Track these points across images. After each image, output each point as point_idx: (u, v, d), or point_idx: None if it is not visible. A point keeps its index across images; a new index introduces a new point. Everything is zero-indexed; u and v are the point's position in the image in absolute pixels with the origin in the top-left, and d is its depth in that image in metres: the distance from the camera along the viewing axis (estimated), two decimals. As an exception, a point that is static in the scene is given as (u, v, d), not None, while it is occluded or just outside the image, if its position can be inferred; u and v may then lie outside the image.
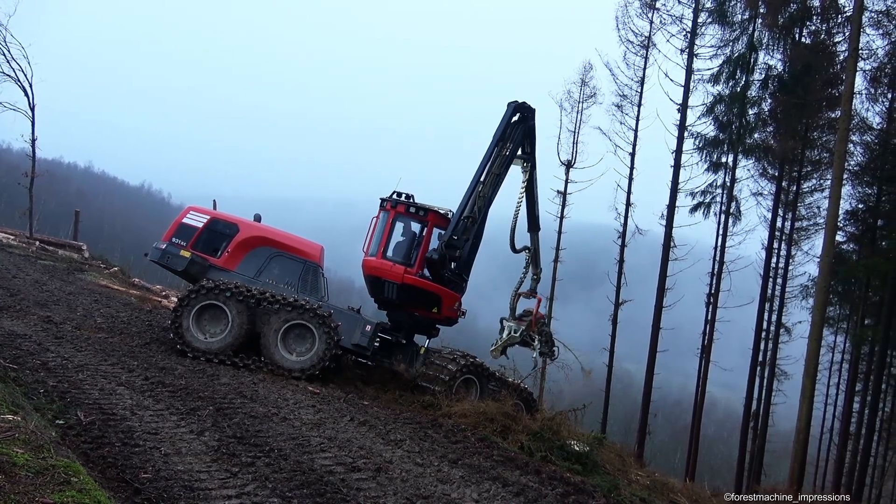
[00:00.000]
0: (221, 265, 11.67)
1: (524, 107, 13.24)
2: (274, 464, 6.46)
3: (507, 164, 13.06)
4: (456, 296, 12.61)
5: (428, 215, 12.48)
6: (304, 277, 12.13)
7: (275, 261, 12.05)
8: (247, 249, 11.95)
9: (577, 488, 8.37)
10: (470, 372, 11.87)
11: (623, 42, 26.21)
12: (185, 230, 11.75)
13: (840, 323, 30.62)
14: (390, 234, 12.62)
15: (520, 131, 13.10)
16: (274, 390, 9.90)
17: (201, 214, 11.97)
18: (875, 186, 25.90)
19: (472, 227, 12.52)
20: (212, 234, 11.84)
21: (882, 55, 23.90)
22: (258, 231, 12.21)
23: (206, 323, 11.00)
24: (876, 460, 33.11)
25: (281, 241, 12.31)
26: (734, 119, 25.18)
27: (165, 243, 11.68)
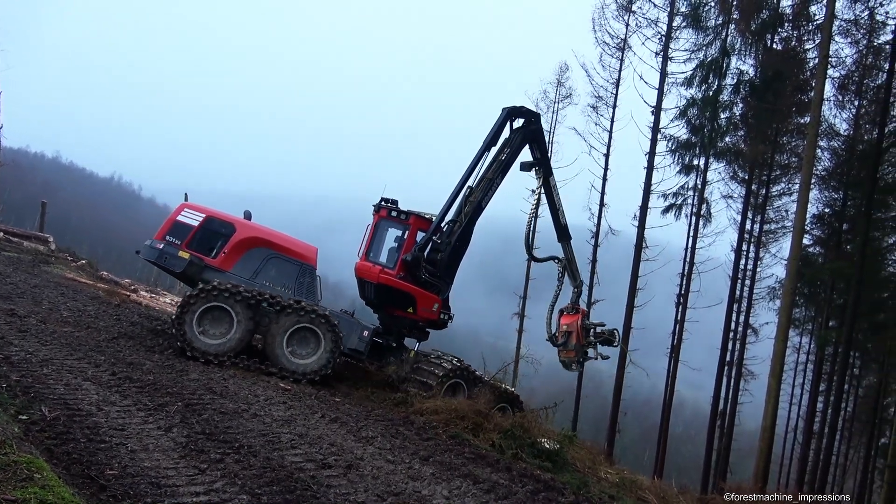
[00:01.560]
0: (217, 266, 11.42)
1: (521, 111, 13.19)
2: (243, 460, 6.40)
3: (502, 169, 13.03)
4: (433, 297, 12.51)
5: (409, 219, 12.61)
6: (299, 280, 12.01)
7: (271, 262, 11.89)
8: (243, 250, 11.73)
9: (546, 485, 8.44)
10: (457, 376, 11.95)
11: (599, 44, 26.47)
12: (179, 228, 11.43)
13: (805, 324, 31.33)
14: (374, 237, 12.96)
15: (519, 136, 13.08)
16: (244, 386, 9.81)
17: (196, 213, 11.62)
18: (841, 191, 26.50)
19: (457, 231, 12.59)
20: (207, 234, 11.57)
21: (850, 63, 24.46)
22: (255, 232, 12.01)
23: (207, 324, 10.81)
24: (838, 459, 34.00)
25: (278, 243, 12.14)
26: (706, 122, 25.56)
27: (161, 242, 11.31)
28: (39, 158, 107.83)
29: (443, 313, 12.81)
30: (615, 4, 26.29)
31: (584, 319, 13.71)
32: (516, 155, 13.22)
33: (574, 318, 13.62)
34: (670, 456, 26.54)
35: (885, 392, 28.54)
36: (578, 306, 13.93)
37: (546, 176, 13.46)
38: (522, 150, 13.43)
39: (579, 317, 13.60)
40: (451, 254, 12.68)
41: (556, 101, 26.86)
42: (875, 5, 21.99)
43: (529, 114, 13.31)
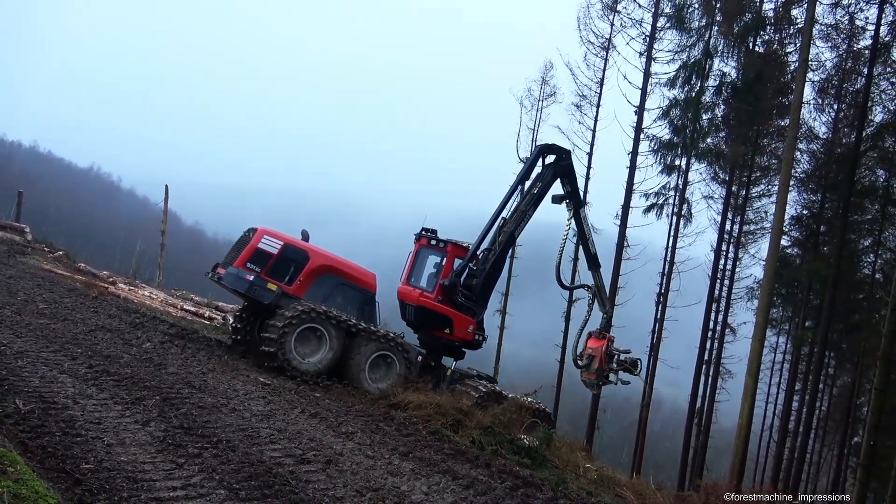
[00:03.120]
0: (292, 293, 11.75)
1: (552, 148, 14.04)
2: (221, 455, 6.37)
3: (535, 201, 13.84)
4: (468, 319, 13.20)
5: (447, 247, 13.49)
6: (362, 307, 12.55)
7: (338, 289, 12.36)
8: (315, 277, 12.13)
9: (525, 482, 8.49)
10: (491, 399, 12.48)
11: (584, 43, 26.53)
12: (260, 256, 11.72)
13: (782, 324, 31.73)
14: (415, 264, 13.98)
15: (550, 171, 13.82)
16: (224, 381, 9.75)
17: (275, 240, 11.92)
18: (819, 193, 26.87)
19: (491, 259, 13.46)
20: (283, 261, 11.88)
21: (830, 67, 24.82)
22: (326, 260, 12.44)
23: (297, 344, 11.28)
24: (812, 457, 34.52)
25: (345, 271, 12.62)
26: (688, 123, 25.74)
27: (248, 273, 11.55)
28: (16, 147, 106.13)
29: (477, 334, 13.51)
30: (600, 4, 26.39)
31: (610, 345, 14.03)
32: (548, 189, 13.97)
33: (600, 343, 13.98)
34: (648, 453, 26.80)
35: (859, 392, 28.97)
36: (606, 333, 14.23)
37: (577, 208, 13.97)
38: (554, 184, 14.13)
39: (605, 343, 13.96)
40: (485, 279, 13.45)
41: (541, 99, 26.92)
42: (855, 10, 22.32)
43: (560, 150, 14.08)
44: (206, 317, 17.55)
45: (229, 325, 15.09)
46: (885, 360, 17.69)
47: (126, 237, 54.50)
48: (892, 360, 18.50)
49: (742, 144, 25.73)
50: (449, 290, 13.09)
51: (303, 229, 13.08)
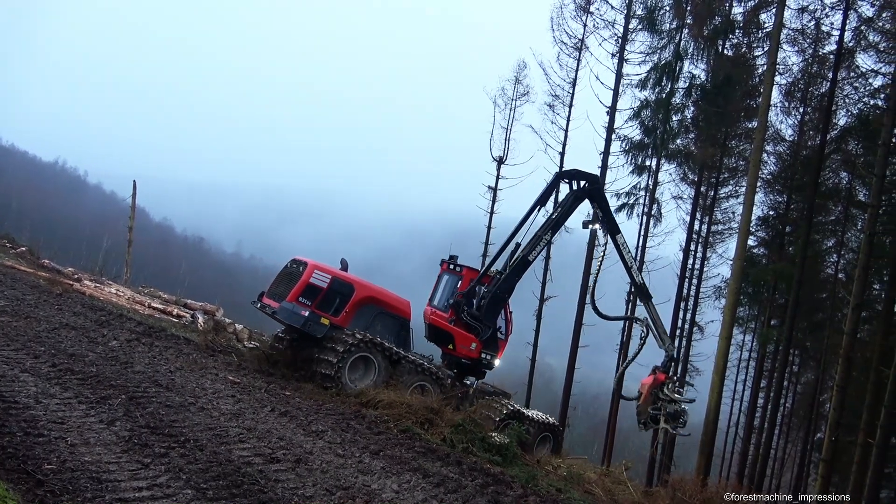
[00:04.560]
0: (339, 323, 12.29)
1: (572, 174, 14.06)
2: (189, 455, 6.29)
3: (552, 227, 13.85)
4: (470, 337, 13.65)
5: (462, 271, 14.34)
6: (398, 333, 13.16)
7: (378, 318, 12.93)
8: (359, 307, 12.70)
9: (496, 479, 8.54)
10: (511, 418, 12.98)
11: (557, 43, 26.69)
12: (310, 290, 12.16)
13: (749, 323, 32.33)
14: (437, 286, 14.82)
15: (571, 197, 13.84)
16: (192, 379, 9.62)
17: (324, 274, 12.43)
18: (785, 195, 27.44)
19: (500, 281, 13.70)
20: (331, 293, 12.40)
21: (797, 71, 25.31)
22: (369, 291, 13.01)
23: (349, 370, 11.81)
24: (776, 453, 35.28)
25: (384, 300, 13.19)
26: (659, 124, 26.08)
27: (302, 308, 11.95)
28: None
29: (484, 353, 13.80)
30: (573, 5, 26.57)
31: (659, 387, 13.36)
32: (567, 215, 14.10)
33: (649, 379, 13.51)
34: (617, 449, 27.11)
35: (822, 389, 29.66)
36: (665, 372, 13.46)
37: (612, 234, 13.81)
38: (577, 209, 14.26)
39: (653, 380, 13.43)
40: (491, 300, 13.71)
41: (514, 99, 26.98)
42: (821, 16, 22.78)
43: (582, 176, 14.04)
44: (175, 314, 17.30)
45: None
46: (846, 358, 18.17)
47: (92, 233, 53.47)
48: (853, 358, 19.02)
49: (711, 146, 26.16)
50: (455, 308, 13.78)
51: (342, 258, 13.63)
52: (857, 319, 18.97)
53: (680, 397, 12.85)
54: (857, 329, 19.23)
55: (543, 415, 14.24)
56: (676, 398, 12.88)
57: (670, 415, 12.98)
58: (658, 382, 13.13)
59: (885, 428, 17.53)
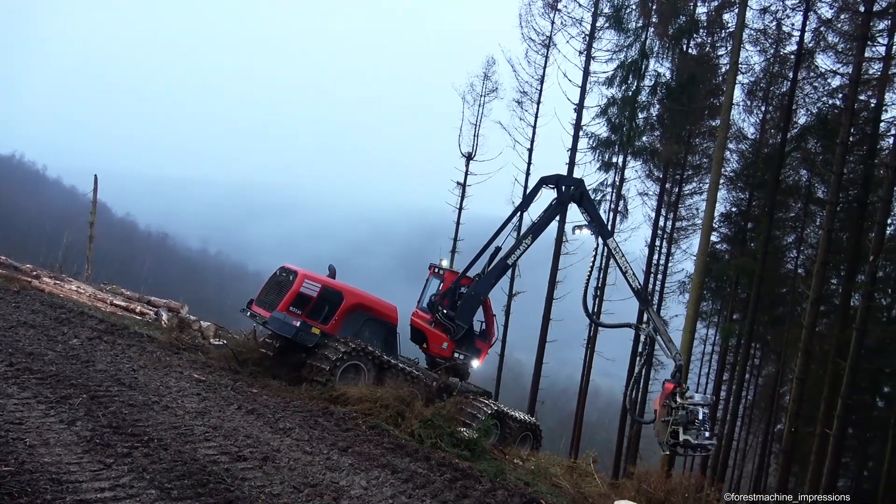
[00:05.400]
0: (329, 331, 12.36)
1: (555, 179, 14.01)
2: (153, 454, 6.18)
3: (533, 231, 13.80)
4: (442, 336, 13.86)
5: (444, 274, 14.65)
6: (386, 338, 13.29)
7: (366, 324, 13.02)
8: (348, 314, 12.76)
9: (464, 474, 8.57)
10: (496, 418, 13.16)
11: (526, 40, 26.86)
12: (301, 299, 12.18)
13: (712, 317, 33.01)
14: (424, 290, 15.06)
15: (554, 203, 13.84)
16: (155, 378, 9.46)
17: (314, 283, 12.43)
18: (747, 192, 28.05)
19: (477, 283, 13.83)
20: (321, 302, 12.42)
21: (759, 70, 25.89)
22: (357, 298, 13.03)
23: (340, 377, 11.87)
24: (739, 444, 36.09)
25: (372, 307, 13.26)
26: (625, 122, 26.43)
27: (293, 318, 11.95)
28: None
29: (457, 352, 13.91)
30: (542, 2, 26.77)
31: (670, 397, 12.05)
32: (549, 220, 14.12)
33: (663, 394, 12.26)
34: (585, 442, 27.41)
35: (782, 381, 30.44)
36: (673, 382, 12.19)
37: (604, 238, 13.56)
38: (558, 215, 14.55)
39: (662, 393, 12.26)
40: (466, 301, 13.84)
41: (483, 95, 27.05)
42: (782, 17, 23.34)
43: (564, 181, 14.10)
44: (138, 312, 16.97)
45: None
46: (805, 351, 18.68)
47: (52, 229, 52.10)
48: (811, 351, 19.57)
49: (675, 143, 26.62)
50: (430, 309, 14.07)
51: (330, 265, 13.76)
52: (816, 313, 19.52)
53: (694, 401, 11.66)
54: (815, 323, 19.80)
55: (525, 414, 14.58)
56: (689, 402, 11.66)
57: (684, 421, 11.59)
58: (667, 393, 12.08)
59: (841, 419, 18.08)
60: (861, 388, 26.30)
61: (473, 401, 13.35)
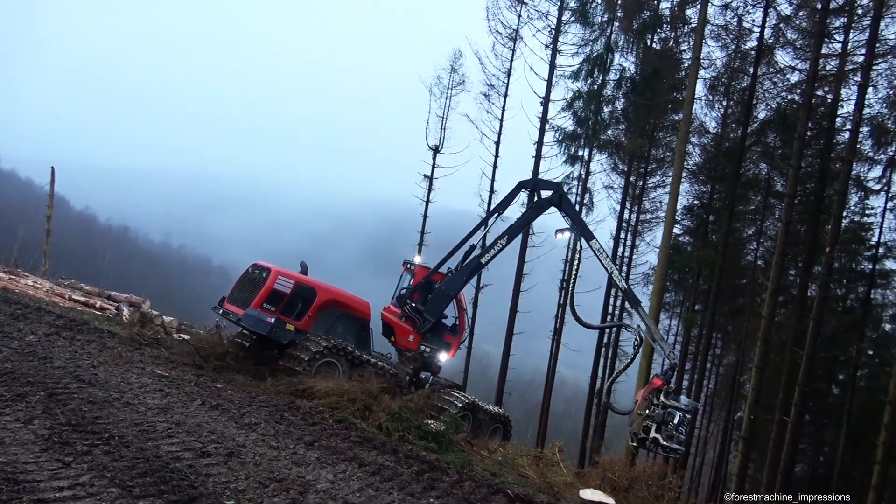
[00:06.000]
0: (302, 327, 12.45)
1: (533, 183, 14.24)
2: (114, 452, 6.06)
3: (509, 234, 13.89)
4: (408, 329, 13.99)
5: (415, 269, 14.69)
6: (358, 333, 13.46)
7: (339, 319, 13.15)
8: (321, 310, 12.85)
9: (431, 466, 8.60)
10: (468, 410, 13.36)
11: (492, 32, 26.87)
12: (275, 296, 12.20)
13: (675, 308, 33.60)
14: (397, 286, 15.08)
15: (531, 207, 14.01)
16: (116, 374, 9.27)
17: (287, 280, 12.47)
18: (709, 185, 28.56)
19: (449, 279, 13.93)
20: (294, 298, 12.47)
21: (720, 66, 26.33)
22: (330, 294, 13.15)
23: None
24: (700, 431, 36.87)
25: (345, 302, 13.37)
26: (591, 115, 26.68)
27: (267, 315, 11.96)
28: None
29: (424, 345, 13.98)
30: (508, -6, 26.76)
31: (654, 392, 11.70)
32: (527, 224, 14.44)
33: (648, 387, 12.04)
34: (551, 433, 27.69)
35: (742, 370, 31.16)
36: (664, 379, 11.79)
37: (587, 240, 13.38)
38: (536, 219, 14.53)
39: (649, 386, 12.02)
40: (436, 295, 13.97)
41: (450, 87, 27.00)
42: (743, 13, 23.76)
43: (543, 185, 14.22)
44: (98, 307, 16.59)
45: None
46: (764, 341, 19.15)
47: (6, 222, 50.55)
48: (770, 341, 20.06)
49: (639, 137, 26.97)
50: (400, 301, 14.26)
51: (302, 261, 13.77)
52: (774, 304, 20.01)
53: (675, 404, 11.35)
54: (774, 313, 20.28)
55: (496, 407, 14.83)
56: (671, 404, 11.37)
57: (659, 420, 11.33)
58: (653, 388, 11.79)
59: (798, 406, 18.60)
60: (817, 377, 27.13)
61: (445, 394, 13.45)
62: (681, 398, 11.67)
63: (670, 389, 11.68)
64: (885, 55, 19.98)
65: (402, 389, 12.84)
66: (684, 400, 11.58)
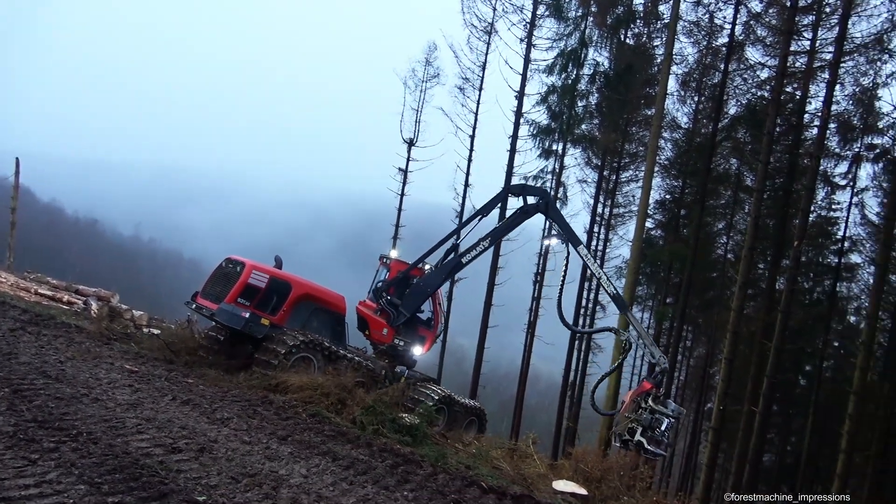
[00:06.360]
0: (277, 322, 12.27)
1: (519, 189, 14.09)
2: (82, 448, 5.95)
3: (492, 236, 13.85)
4: (381, 323, 13.93)
5: (390, 263, 14.72)
6: (334, 328, 13.34)
7: (314, 314, 13.02)
8: (296, 305, 12.69)
9: (406, 459, 8.60)
10: (443, 403, 13.29)
11: (468, 26, 26.83)
12: (249, 290, 12.05)
13: (647, 301, 34.01)
14: (374, 280, 14.99)
15: (517, 212, 13.84)
16: (84, 369, 9.10)
17: (262, 274, 12.31)
18: (680, 179, 28.91)
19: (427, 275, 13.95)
20: (269, 293, 12.29)
21: (692, 62, 26.62)
22: (305, 288, 12.97)
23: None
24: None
25: (320, 297, 13.23)
26: (565, 110, 26.80)
27: (242, 309, 11.81)
28: None
29: (398, 339, 13.98)
30: (484, -12, 26.72)
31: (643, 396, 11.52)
32: (511, 229, 14.31)
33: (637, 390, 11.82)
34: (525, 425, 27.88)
35: (712, 362, 31.70)
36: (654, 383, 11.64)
37: (574, 246, 13.21)
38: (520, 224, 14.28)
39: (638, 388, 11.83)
40: (414, 290, 14.04)
41: (424, 80, 26.93)
42: (714, 10, 24.03)
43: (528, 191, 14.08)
44: (65, 301, 16.26)
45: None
46: (733, 333, 19.47)
47: (-31, 214, 49.24)
48: (739, 333, 20.41)
49: (613, 131, 27.18)
50: (375, 294, 14.28)
51: (276, 255, 13.67)
52: (744, 297, 20.36)
53: (663, 409, 11.25)
54: (743, 306, 20.64)
55: (471, 400, 14.87)
56: (659, 409, 11.24)
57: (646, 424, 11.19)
58: (643, 390, 11.60)
59: (766, 397, 18.99)
60: (785, 368, 27.67)
61: (420, 387, 13.46)
62: (669, 403, 11.61)
63: (659, 394, 11.52)
64: (853, 53, 20.37)
65: (377, 383, 12.80)
66: (672, 405, 11.56)
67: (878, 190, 25.52)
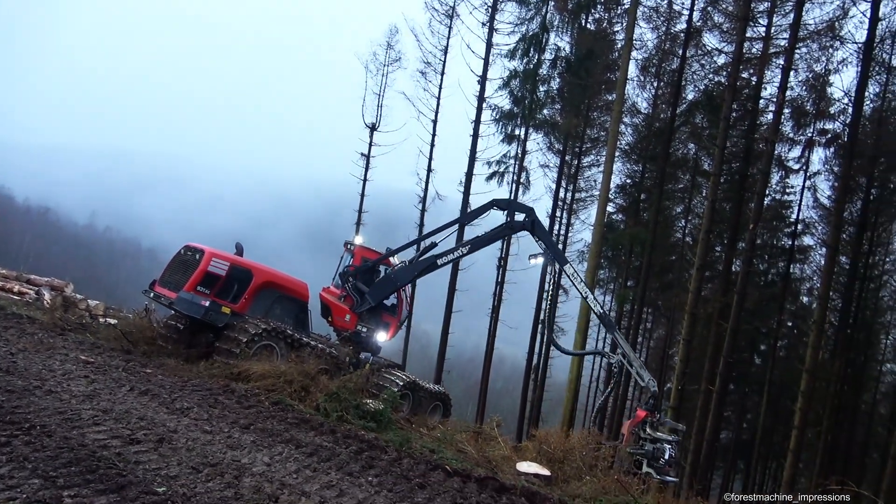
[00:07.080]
0: (238, 310, 12.14)
1: (506, 204, 14.13)
2: (35, 442, 5.80)
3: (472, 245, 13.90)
4: (344, 309, 13.95)
5: (354, 249, 14.61)
6: (297, 315, 13.28)
7: (277, 302, 12.93)
8: (258, 292, 12.57)
9: (370, 445, 8.61)
10: (408, 389, 13.41)
11: (429, 9, 26.63)
12: (209, 278, 11.87)
13: (609, 284, 34.56)
14: (338, 266, 14.88)
15: (502, 226, 13.90)
16: (37, 361, 8.86)
17: (222, 261, 12.16)
18: (640, 164, 29.33)
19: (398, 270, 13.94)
20: (230, 280, 12.15)
21: (651, 47, 26.92)
22: (267, 276, 12.86)
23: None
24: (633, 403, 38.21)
25: (283, 284, 13.15)
26: (527, 94, 26.86)
27: (203, 298, 11.61)
28: None
29: (360, 325, 14.00)
30: (445, -30, 26.52)
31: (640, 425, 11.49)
32: (493, 241, 14.26)
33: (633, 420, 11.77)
34: (490, 408, 28.19)
35: (671, 343, 32.38)
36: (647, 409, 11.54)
37: (560, 265, 13.19)
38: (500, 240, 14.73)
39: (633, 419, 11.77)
40: (383, 280, 14.06)
41: (386, 65, 26.70)
42: (673, -5, 24.27)
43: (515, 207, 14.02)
44: (16, 291, 15.78)
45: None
46: (691, 314, 19.91)
47: (-88, 202, 47.28)
48: (696, 314, 20.88)
49: (574, 117, 27.35)
50: (342, 278, 14.25)
51: (237, 242, 13.57)
52: (701, 279, 20.80)
53: (663, 436, 11.22)
54: (700, 288, 21.09)
55: (436, 385, 15.00)
56: (659, 437, 11.19)
57: (650, 454, 11.08)
58: (638, 420, 11.58)
59: (723, 376, 19.51)
60: (741, 348, 28.46)
61: (385, 373, 13.49)
62: (666, 423, 11.75)
63: (654, 419, 11.44)
64: (806, 39, 20.82)
65: (341, 370, 12.76)
66: (670, 424, 11.77)
67: (830, 174, 26.28)
